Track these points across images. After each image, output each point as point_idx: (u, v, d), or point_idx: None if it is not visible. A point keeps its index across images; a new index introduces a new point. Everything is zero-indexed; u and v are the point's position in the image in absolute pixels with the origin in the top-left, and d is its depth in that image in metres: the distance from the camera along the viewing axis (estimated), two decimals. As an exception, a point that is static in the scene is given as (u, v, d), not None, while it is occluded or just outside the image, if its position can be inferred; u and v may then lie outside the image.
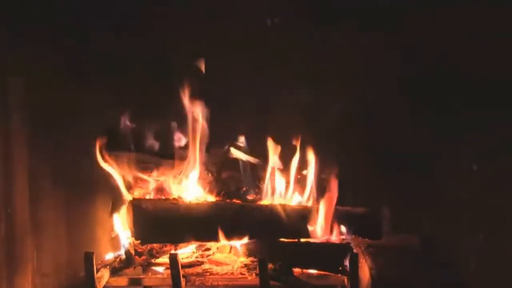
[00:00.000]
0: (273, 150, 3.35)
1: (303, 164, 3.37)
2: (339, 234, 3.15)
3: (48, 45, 3.27)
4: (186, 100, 3.28)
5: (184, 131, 3.28)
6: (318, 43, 3.52)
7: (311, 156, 3.34)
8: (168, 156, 3.26)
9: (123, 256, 3.09)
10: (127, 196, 3.21)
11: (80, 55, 3.37)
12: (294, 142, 3.36)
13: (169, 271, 2.94)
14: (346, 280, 2.93)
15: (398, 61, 3.48)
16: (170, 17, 3.47)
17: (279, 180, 3.33)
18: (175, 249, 3.10)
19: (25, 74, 3.19)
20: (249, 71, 3.53)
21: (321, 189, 3.28)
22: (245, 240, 3.12)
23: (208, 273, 3.06)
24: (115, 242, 3.26)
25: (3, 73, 3.12)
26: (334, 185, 3.20)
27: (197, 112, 3.26)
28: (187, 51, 3.49)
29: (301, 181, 3.36)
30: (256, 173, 3.32)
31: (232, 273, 3.07)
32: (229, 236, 3.07)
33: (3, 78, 3.12)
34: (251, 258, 3.14)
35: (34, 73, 3.23)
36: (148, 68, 3.47)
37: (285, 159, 3.37)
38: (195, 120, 3.25)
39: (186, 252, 3.21)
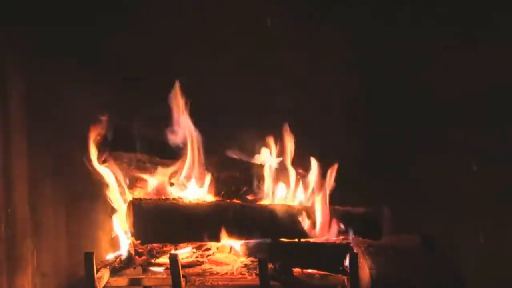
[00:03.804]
0: (272, 151, 3.35)
1: (303, 164, 3.36)
2: (339, 234, 3.15)
3: (49, 42, 3.28)
4: (185, 100, 3.28)
5: (184, 131, 3.27)
6: (316, 41, 3.53)
7: (311, 156, 3.34)
8: (168, 156, 3.25)
9: (123, 256, 3.09)
10: (127, 196, 3.21)
11: (80, 53, 3.38)
12: (294, 143, 3.36)
13: (169, 271, 2.94)
14: (346, 280, 2.93)
15: (398, 61, 3.50)
16: (170, 17, 3.48)
17: (279, 180, 3.33)
18: (175, 249, 3.10)
19: (25, 73, 3.20)
20: (249, 71, 3.53)
21: (321, 189, 3.28)
22: (245, 240, 3.11)
23: (208, 273, 3.06)
24: (115, 242, 3.26)
25: (3, 73, 3.13)
26: (327, 183, 3.20)
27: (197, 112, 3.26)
28: (186, 51, 3.49)
29: (301, 181, 3.36)
30: (256, 173, 3.32)
31: (232, 273, 3.07)
32: (229, 236, 3.07)
33: (3, 78, 3.12)
34: (251, 258, 3.13)
35: (34, 72, 3.24)
36: (148, 68, 3.47)
37: (285, 159, 3.37)
38: (195, 120, 3.25)
39: (186, 252, 3.21)
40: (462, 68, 3.43)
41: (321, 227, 3.13)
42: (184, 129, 3.24)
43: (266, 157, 3.38)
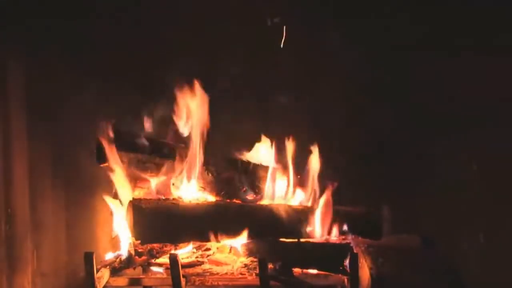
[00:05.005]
0: (273, 151, 3.35)
1: (303, 164, 3.36)
2: (339, 234, 3.15)
3: (49, 41, 3.28)
4: (186, 100, 3.28)
5: (184, 131, 3.27)
6: (317, 44, 3.53)
7: (311, 156, 3.34)
8: (168, 156, 3.25)
9: (123, 256, 3.09)
10: (127, 196, 3.20)
11: (81, 53, 3.38)
12: (294, 143, 3.36)
13: (169, 271, 2.94)
14: (346, 280, 2.93)
15: (398, 62, 3.50)
16: (171, 16, 3.48)
17: (279, 180, 3.33)
18: (175, 249, 3.10)
19: (25, 73, 3.20)
20: (249, 71, 3.53)
21: (320, 189, 3.28)
22: (245, 240, 3.12)
23: (208, 273, 3.06)
24: (115, 242, 3.26)
25: (3, 72, 3.13)
26: (330, 184, 3.20)
27: (197, 112, 3.26)
28: (188, 50, 3.49)
29: (301, 181, 3.36)
30: (256, 173, 3.32)
31: (232, 273, 3.07)
32: (229, 236, 3.07)
33: (3, 76, 3.12)
34: (251, 258, 3.14)
35: (35, 72, 3.24)
36: (149, 67, 3.47)
37: (285, 159, 3.37)
38: (195, 120, 3.25)
39: (186, 252, 3.21)
40: (461, 68, 3.44)
41: (321, 227, 3.14)
42: (185, 128, 3.24)
43: (266, 157, 3.37)
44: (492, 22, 3.40)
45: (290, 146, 3.36)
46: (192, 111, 3.27)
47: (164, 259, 3.08)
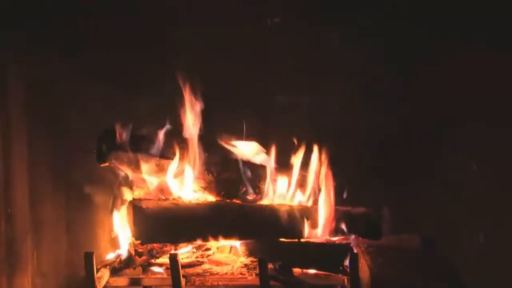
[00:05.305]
0: (272, 150, 3.35)
1: (303, 164, 3.36)
2: (339, 234, 3.15)
3: (48, 41, 3.28)
4: (185, 100, 3.28)
5: (183, 131, 3.27)
6: (317, 43, 3.53)
7: (311, 156, 3.33)
8: (168, 156, 3.25)
9: (123, 256, 3.09)
10: (127, 196, 3.21)
11: (81, 53, 3.38)
12: (294, 142, 3.36)
13: (169, 271, 2.94)
14: (346, 280, 2.93)
15: (396, 61, 3.50)
16: (170, 16, 3.48)
17: (280, 180, 3.33)
18: (175, 249, 3.10)
19: (25, 73, 3.20)
20: (249, 70, 3.53)
21: (320, 189, 3.28)
22: (245, 240, 3.11)
23: (208, 273, 3.06)
24: (115, 242, 3.26)
25: (4, 73, 3.13)
26: (331, 184, 3.20)
27: (196, 112, 3.26)
28: (186, 50, 3.49)
29: (301, 181, 3.36)
30: (256, 173, 3.32)
31: (232, 273, 3.07)
32: (229, 236, 3.07)
33: (3, 78, 3.12)
34: (251, 258, 3.14)
35: (35, 72, 3.24)
36: (148, 68, 3.47)
37: (285, 159, 3.37)
38: (194, 119, 3.25)
39: (186, 252, 3.21)
40: (461, 68, 3.44)
41: (321, 227, 3.13)
42: (185, 128, 3.24)
43: (266, 157, 3.37)
44: (495, 22, 3.40)
45: (290, 146, 3.35)
46: (191, 111, 3.26)
47: (164, 259, 3.08)
